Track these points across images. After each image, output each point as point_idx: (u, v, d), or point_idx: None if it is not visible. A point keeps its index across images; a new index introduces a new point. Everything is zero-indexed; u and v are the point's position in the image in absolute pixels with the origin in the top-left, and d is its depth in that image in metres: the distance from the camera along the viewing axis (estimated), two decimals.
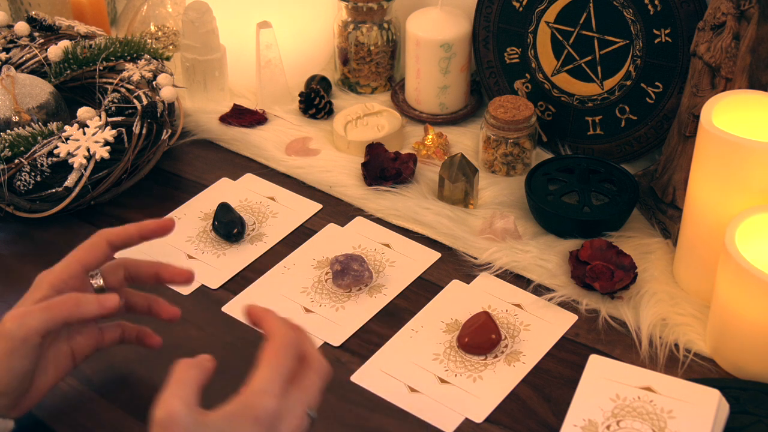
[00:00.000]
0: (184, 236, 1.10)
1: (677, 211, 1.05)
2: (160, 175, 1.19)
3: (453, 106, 1.27)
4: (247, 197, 1.16)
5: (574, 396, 0.85)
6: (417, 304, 1.01)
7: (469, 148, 1.22)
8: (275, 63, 1.27)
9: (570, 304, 1.00)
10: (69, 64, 1.22)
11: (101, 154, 1.10)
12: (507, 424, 0.88)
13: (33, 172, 1.09)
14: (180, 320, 0.94)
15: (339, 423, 0.88)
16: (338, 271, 1.01)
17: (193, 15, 1.25)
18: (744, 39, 0.97)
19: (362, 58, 1.31)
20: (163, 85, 1.18)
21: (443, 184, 1.12)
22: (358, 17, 1.29)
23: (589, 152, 1.19)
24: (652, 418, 0.81)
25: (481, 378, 0.92)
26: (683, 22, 1.08)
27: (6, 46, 1.26)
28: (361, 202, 1.14)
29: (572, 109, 1.19)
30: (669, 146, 1.08)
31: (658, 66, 1.12)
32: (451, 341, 0.96)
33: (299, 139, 1.23)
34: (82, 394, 0.91)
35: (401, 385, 0.92)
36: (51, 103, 1.18)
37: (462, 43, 1.22)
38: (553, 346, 0.95)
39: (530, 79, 1.21)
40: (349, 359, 0.94)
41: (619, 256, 1.02)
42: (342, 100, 1.31)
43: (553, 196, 1.09)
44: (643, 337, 0.95)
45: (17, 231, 1.11)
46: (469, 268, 1.05)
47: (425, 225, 1.10)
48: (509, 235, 1.07)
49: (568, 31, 1.16)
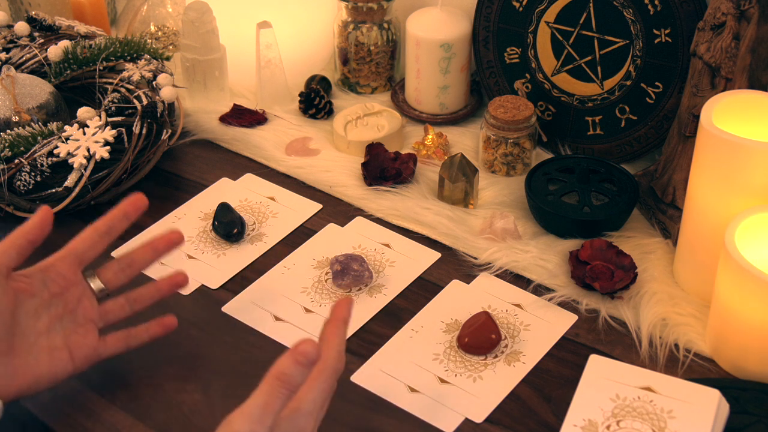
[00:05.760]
0: (185, 236, 1.09)
1: (677, 211, 1.05)
2: (160, 175, 1.19)
3: (453, 106, 1.27)
4: (247, 197, 1.16)
5: (574, 396, 0.85)
6: (417, 304, 1.01)
7: (469, 148, 1.22)
8: (275, 63, 1.27)
9: (570, 304, 1.00)
10: (69, 64, 1.22)
11: (101, 154, 1.10)
12: (507, 424, 0.88)
13: (33, 172, 1.09)
14: (180, 320, 0.94)
15: (339, 423, 0.88)
16: (338, 271, 1.02)
17: (193, 15, 1.25)
18: (744, 39, 0.97)
19: (362, 58, 1.31)
20: (163, 85, 1.18)
21: (443, 184, 1.12)
22: (358, 17, 1.29)
23: (589, 152, 1.19)
24: (652, 418, 0.82)
25: (481, 378, 0.92)
26: (683, 22, 1.08)
27: (6, 46, 1.26)
28: (361, 202, 1.14)
29: (572, 109, 1.19)
30: (669, 146, 1.08)
31: (658, 66, 1.12)
32: (451, 341, 0.96)
33: (299, 139, 1.23)
34: (82, 394, 0.91)
35: (401, 385, 0.92)
36: (51, 103, 1.18)
37: (462, 43, 1.22)
38: (553, 346, 0.95)
39: (530, 79, 1.21)
40: (349, 359, 0.94)
41: (619, 256, 1.02)
42: (342, 100, 1.31)
43: (553, 196, 1.09)
44: (643, 337, 0.95)
45: None
46: (469, 268, 1.05)
47: (425, 225, 1.10)
48: (509, 235, 1.07)
49: (568, 31, 1.16)
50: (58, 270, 0.87)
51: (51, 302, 0.86)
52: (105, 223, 0.90)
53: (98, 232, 0.89)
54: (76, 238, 0.89)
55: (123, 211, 0.90)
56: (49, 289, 0.86)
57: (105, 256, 1.07)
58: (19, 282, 0.85)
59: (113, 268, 0.91)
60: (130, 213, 0.91)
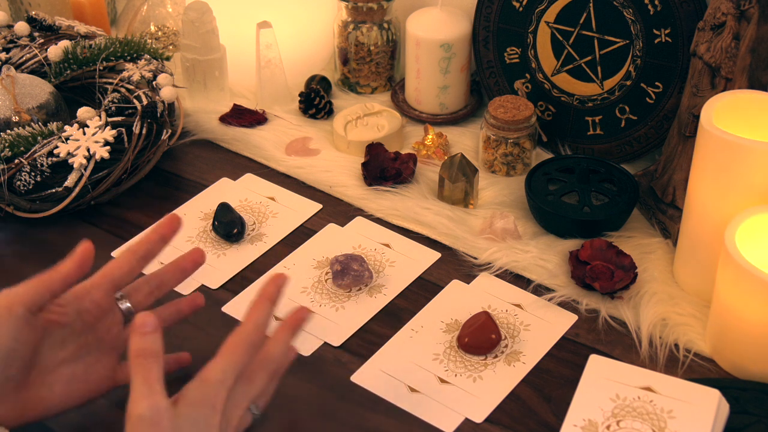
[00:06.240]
0: (184, 236, 1.10)
1: (677, 211, 1.05)
2: (160, 175, 1.19)
3: (453, 106, 1.27)
4: (247, 197, 1.16)
5: (574, 396, 0.85)
6: (417, 304, 1.01)
7: (469, 148, 1.22)
8: (275, 63, 1.27)
9: (570, 304, 1.00)
10: (69, 64, 1.22)
11: (101, 154, 1.10)
12: (507, 424, 0.88)
13: (33, 172, 1.09)
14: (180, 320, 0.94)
15: (339, 423, 0.88)
16: (338, 271, 1.02)
17: (193, 15, 1.25)
18: (744, 39, 0.97)
19: (362, 58, 1.31)
20: (163, 85, 1.18)
21: (443, 184, 1.12)
22: (358, 17, 1.29)
23: (589, 152, 1.19)
24: (652, 418, 0.82)
25: (481, 378, 0.92)
26: (683, 22, 1.08)
27: (6, 46, 1.26)
28: (361, 202, 1.14)
29: (572, 109, 1.19)
30: (669, 146, 1.08)
31: (658, 66, 1.12)
32: (451, 341, 0.96)
33: (299, 139, 1.23)
34: None
35: (401, 385, 0.92)
36: (51, 103, 1.18)
37: (462, 43, 1.22)
38: (553, 346, 0.95)
39: (530, 79, 1.21)
40: (349, 359, 0.94)
41: (619, 256, 1.02)
42: (342, 100, 1.31)
43: (553, 196, 1.09)
44: (643, 337, 0.95)
45: (17, 231, 1.11)
46: (469, 268, 1.05)
47: (425, 225, 1.10)
48: (509, 235, 1.07)
49: (568, 31, 1.16)
50: (93, 298, 0.83)
51: (82, 332, 0.83)
52: (143, 247, 0.85)
53: (136, 257, 0.85)
54: (112, 262, 0.84)
55: (160, 234, 0.86)
56: (82, 319, 0.83)
57: (106, 257, 1.07)
58: (52, 313, 0.81)
59: (143, 290, 0.87)
60: (167, 234, 0.87)
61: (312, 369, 0.93)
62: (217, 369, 0.76)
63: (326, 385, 0.92)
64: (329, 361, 0.94)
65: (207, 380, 0.76)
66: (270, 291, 0.82)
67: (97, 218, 1.13)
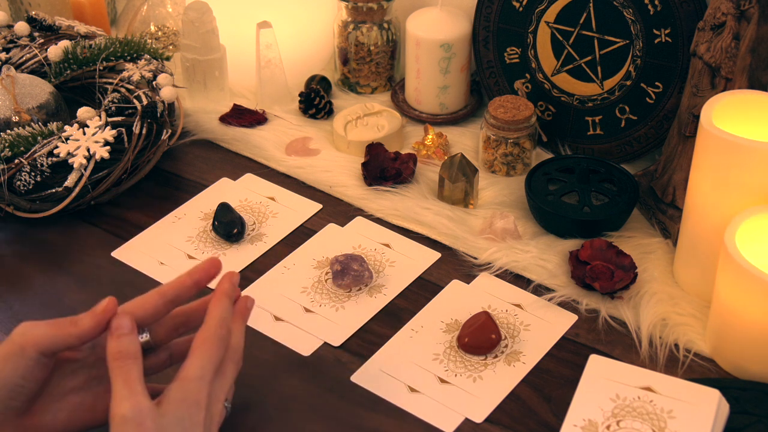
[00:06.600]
0: (184, 236, 1.10)
1: (677, 211, 1.05)
2: (160, 175, 1.19)
3: (453, 106, 1.27)
4: (247, 197, 1.16)
5: (574, 396, 0.85)
6: (417, 304, 1.01)
7: (469, 148, 1.22)
8: (275, 63, 1.27)
9: (570, 304, 1.00)
10: (69, 64, 1.22)
11: (101, 154, 1.10)
12: (507, 424, 0.88)
13: (33, 172, 1.09)
14: None
15: (339, 423, 0.88)
16: (338, 271, 1.02)
17: (193, 15, 1.25)
18: (744, 39, 0.97)
19: (362, 58, 1.31)
20: (163, 85, 1.18)
21: (443, 184, 1.12)
22: (358, 17, 1.29)
23: (589, 152, 1.19)
24: (652, 418, 0.82)
25: (481, 378, 0.92)
26: (683, 22, 1.08)
27: (6, 46, 1.26)
28: (361, 202, 1.14)
29: (572, 109, 1.19)
30: (669, 146, 1.08)
31: (658, 66, 1.12)
32: (451, 341, 0.96)
33: (299, 139, 1.23)
34: None
35: (401, 385, 0.92)
36: (51, 103, 1.18)
37: (462, 43, 1.22)
38: (553, 346, 0.95)
39: (530, 79, 1.21)
40: (349, 359, 0.94)
41: (619, 256, 1.02)
42: (342, 100, 1.31)
43: (553, 196, 1.09)
44: (643, 337, 0.95)
45: (17, 231, 1.11)
46: (469, 268, 1.05)
47: (425, 225, 1.10)
48: (509, 235, 1.07)
49: (568, 31, 1.16)
50: None
51: (94, 364, 0.81)
52: (173, 291, 0.81)
53: (164, 300, 0.80)
54: (137, 300, 0.80)
55: (194, 280, 0.81)
56: (96, 353, 0.81)
57: (107, 257, 1.07)
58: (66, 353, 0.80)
59: (167, 325, 0.83)
60: (202, 281, 0.82)
61: (312, 369, 0.93)
62: (194, 366, 0.76)
63: (326, 385, 0.92)
64: (329, 361, 0.94)
65: (187, 378, 0.76)
66: (225, 287, 0.82)
67: (97, 218, 1.13)
